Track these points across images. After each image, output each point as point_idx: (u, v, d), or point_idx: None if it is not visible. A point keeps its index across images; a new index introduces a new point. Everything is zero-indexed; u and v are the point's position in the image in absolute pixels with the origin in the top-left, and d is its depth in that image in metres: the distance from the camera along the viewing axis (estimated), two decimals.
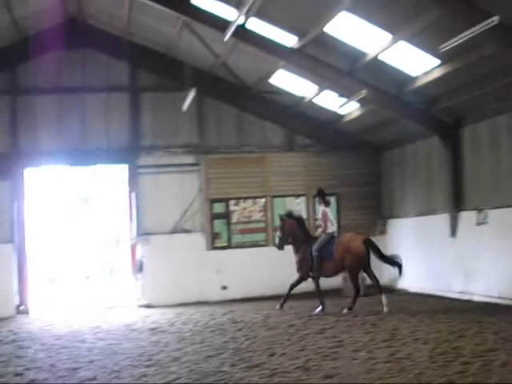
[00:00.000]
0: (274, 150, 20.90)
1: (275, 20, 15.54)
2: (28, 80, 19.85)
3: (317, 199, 17.04)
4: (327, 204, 16.44)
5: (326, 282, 18.22)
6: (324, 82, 17.76)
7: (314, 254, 15.82)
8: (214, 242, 20.28)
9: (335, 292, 18.78)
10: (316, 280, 16.15)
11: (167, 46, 19.40)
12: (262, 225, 20.57)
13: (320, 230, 16.57)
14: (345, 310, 15.46)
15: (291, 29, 15.73)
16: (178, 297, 18.55)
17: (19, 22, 18.27)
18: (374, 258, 15.84)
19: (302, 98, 19.66)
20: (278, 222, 17.11)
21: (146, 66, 20.56)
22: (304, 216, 20.21)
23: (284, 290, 16.32)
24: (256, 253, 18.93)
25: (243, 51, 17.42)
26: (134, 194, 20.29)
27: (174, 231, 20.04)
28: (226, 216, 20.41)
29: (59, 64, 19.72)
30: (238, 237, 20.40)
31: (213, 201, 20.46)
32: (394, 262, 15.91)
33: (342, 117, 19.77)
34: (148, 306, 19.02)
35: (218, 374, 9.80)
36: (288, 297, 16.23)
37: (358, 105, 18.46)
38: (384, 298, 15.17)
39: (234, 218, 20.43)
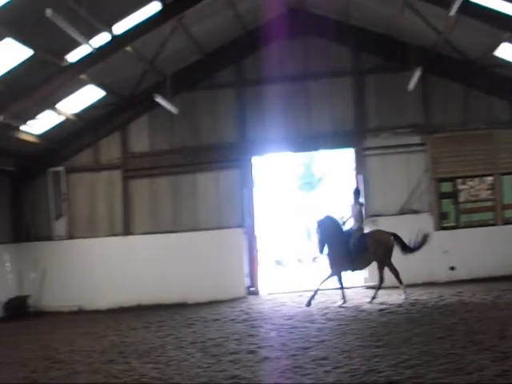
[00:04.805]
0: (502, 126, 20.06)
1: None
2: (253, 71, 20.69)
3: (353, 197, 17.11)
4: (361, 203, 17.24)
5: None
6: None
7: (352, 250, 16.51)
8: (441, 222, 19.92)
9: None
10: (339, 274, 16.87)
11: (388, 26, 19.28)
12: (490, 203, 19.79)
13: (355, 225, 16.97)
14: (368, 300, 16.61)
15: None
16: (405, 278, 18.42)
17: (243, 16, 19.10)
18: None
19: None
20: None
21: (368, 49, 20.52)
22: None
23: None
24: (484, 232, 18.36)
25: (466, 26, 16.94)
26: (360, 177, 20.41)
27: (402, 212, 19.94)
28: (453, 195, 19.95)
29: (282, 54, 20.33)
30: (466, 216, 19.91)
31: (440, 180, 20.06)
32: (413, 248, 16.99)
33: None
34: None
35: (448, 355, 9.71)
36: (343, 292, 16.74)
37: None
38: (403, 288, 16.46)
39: (462, 198, 19.90)
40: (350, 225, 17.19)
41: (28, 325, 18.16)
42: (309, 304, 16.40)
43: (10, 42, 14.44)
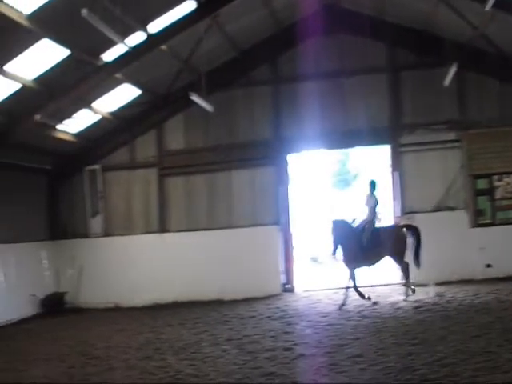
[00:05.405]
0: None
1: None
2: (289, 69, 20.67)
3: (369, 189, 17.06)
4: (376, 200, 16.98)
5: None
6: None
7: (365, 246, 16.44)
8: (477, 219, 19.74)
9: None
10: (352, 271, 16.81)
11: (423, 22, 19.14)
12: None
13: (368, 217, 16.89)
14: (402, 297, 16.52)
15: None
16: (441, 275, 18.34)
17: (278, 13, 19.12)
18: None
19: None
20: None
21: (403, 45, 20.35)
22: None
23: None
24: None
25: (502, 20, 16.77)
26: (396, 173, 20.31)
27: (438, 209, 19.82)
28: (489, 192, 19.72)
29: (317, 50, 20.25)
30: (502, 213, 19.65)
31: (476, 177, 19.86)
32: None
33: None
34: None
35: (484, 354, 9.68)
36: (359, 291, 16.69)
37: None
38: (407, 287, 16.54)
39: (498, 194, 19.66)
40: (361, 218, 17.12)
41: (65, 321, 18.40)
42: (340, 309, 16.26)
43: (46, 43, 14.61)
